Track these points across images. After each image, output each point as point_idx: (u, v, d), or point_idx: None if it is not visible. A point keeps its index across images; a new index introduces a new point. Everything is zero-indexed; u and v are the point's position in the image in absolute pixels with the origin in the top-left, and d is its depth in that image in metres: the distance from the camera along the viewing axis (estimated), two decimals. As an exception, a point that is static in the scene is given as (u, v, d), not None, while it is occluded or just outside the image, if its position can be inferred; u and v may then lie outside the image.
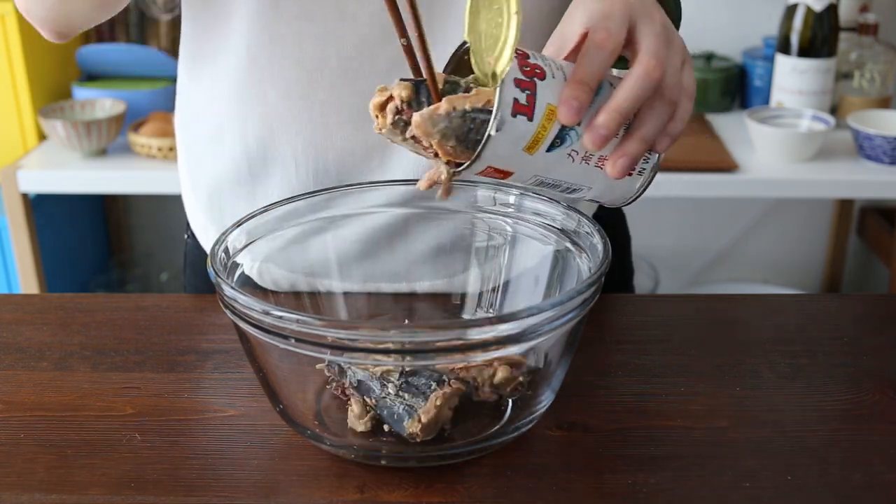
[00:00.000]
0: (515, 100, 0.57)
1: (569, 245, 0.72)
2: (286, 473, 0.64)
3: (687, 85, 0.63)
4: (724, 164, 1.77)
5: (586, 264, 0.69)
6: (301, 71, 0.79)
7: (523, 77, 0.58)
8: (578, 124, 0.60)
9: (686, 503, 0.61)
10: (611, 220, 0.96)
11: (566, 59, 0.63)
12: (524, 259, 0.77)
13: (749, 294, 0.91)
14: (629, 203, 0.68)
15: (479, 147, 0.57)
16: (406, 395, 0.63)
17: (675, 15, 0.74)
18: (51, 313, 0.86)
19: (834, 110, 1.94)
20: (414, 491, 0.62)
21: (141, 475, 0.64)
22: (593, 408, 0.70)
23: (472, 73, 0.60)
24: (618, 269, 0.97)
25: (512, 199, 0.76)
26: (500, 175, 0.61)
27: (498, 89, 0.57)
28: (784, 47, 1.85)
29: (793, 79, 1.85)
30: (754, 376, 0.74)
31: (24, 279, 1.88)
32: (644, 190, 0.67)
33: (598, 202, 0.68)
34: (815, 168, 1.78)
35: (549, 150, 0.60)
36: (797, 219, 2.32)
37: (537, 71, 0.58)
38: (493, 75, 0.57)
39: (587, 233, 0.70)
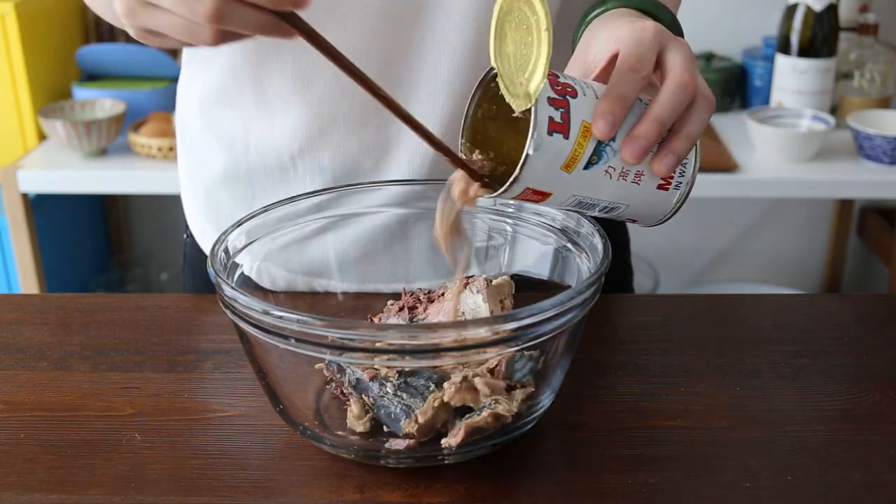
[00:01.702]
0: (550, 118, 0.57)
1: (569, 245, 0.72)
2: (286, 473, 0.64)
3: (711, 96, 0.65)
4: (724, 164, 1.77)
5: (586, 264, 0.69)
6: (296, 73, 0.79)
7: (556, 95, 0.58)
8: (614, 140, 0.60)
9: (686, 503, 0.61)
10: (609, 221, 0.95)
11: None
12: (524, 259, 0.77)
13: (749, 294, 0.91)
14: (665, 220, 0.68)
15: (518, 168, 0.58)
16: (404, 395, 0.63)
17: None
18: (51, 313, 0.86)
19: (834, 110, 1.94)
20: (414, 491, 0.62)
21: (141, 475, 0.64)
22: (593, 408, 0.70)
23: (499, 99, 0.60)
24: (616, 270, 0.97)
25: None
26: (539, 197, 0.61)
27: (533, 109, 0.57)
28: (784, 47, 1.85)
29: (793, 79, 1.85)
30: (754, 376, 0.74)
31: (24, 279, 1.88)
32: (680, 206, 0.66)
33: (634, 220, 0.67)
34: (815, 168, 1.78)
35: (586, 167, 0.60)
36: (797, 219, 2.32)
37: (568, 89, 0.59)
38: (527, 95, 0.57)
39: (587, 233, 0.70)
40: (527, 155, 0.57)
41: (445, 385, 0.63)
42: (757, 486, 0.62)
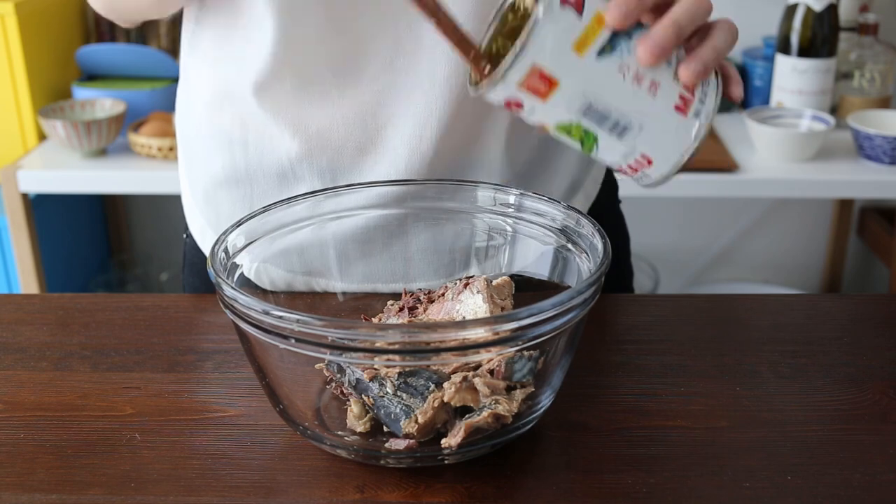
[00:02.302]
0: None
1: (569, 245, 0.72)
2: (286, 473, 0.64)
3: (732, 22, 0.64)
4: (724, 164, 1.77)
5: (586, 264, 0.69)
6: (295, 73, 0.79)
7: None
8: (630, 38, 0.58)
9: (686, 503, 0.61)
10: (610, 222, 0.95)
11: None
12: (524, 259, 0.77)
13: (749, 294, 0.91)
14: (684, 163, 0.63)
15: (524, 35, 0.54)
16: (404, 395, 0.63)
17: None
18: (51, 313, 0.86)
19: (834, 110, 1.94)
20: (414, 491, 0.62)
21: (141, 475, 0.64)
22: (593, 408, 0.70)
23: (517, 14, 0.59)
24: (615, 272, 0.97)
25: (512, 199, 0.76)
26: (546, 86, 0.57)
27: None
28: (784, 47, 1.85)
29: (793, 79, 1.85)
30: (754, 376, 0.74)
31: (24, 279, 1.88)
32: (700, 143, 0.62)
33: (648, 161, 0.62)
34: (815, 168, 1.78)
35: (599, 55, 0.57)
36: (797, 219, 2.32)
37: None
38: None
39: (587, 233, 0.70)
40: (535, 19, 0.54)
41: (445, 385, 0.63)
42: (757, 486, 0.62)
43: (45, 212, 1.95)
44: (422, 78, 0.78)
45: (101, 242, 2.32)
